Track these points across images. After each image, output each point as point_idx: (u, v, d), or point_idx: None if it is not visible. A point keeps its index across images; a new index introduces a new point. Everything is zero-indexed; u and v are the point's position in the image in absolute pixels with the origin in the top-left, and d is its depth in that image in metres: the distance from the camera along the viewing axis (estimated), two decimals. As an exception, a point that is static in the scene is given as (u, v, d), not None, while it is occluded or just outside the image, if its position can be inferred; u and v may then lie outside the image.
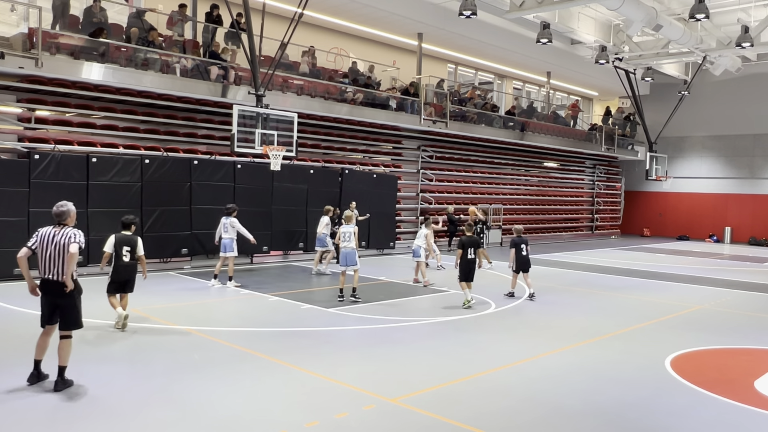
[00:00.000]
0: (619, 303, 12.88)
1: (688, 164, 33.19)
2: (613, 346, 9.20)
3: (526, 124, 26.74)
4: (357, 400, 6.49)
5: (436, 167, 24.04)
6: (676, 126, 30.18)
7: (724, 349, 9.26)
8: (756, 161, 31.10)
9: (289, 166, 17.08)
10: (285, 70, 17.89)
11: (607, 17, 23.89)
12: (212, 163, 16.17)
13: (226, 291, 12.75)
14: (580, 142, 29.95)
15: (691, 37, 22.53)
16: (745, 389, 7.29)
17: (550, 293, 13.75)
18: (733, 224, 31.66)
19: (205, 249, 15.95)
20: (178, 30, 16.28)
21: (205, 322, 9.87)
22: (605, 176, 34.70)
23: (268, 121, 14.81)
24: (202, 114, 17.24)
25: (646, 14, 19.58)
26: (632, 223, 35.40)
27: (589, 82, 32.29)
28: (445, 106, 22.50)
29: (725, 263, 21.87)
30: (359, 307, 11.40)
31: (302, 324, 9.99)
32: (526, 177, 29.21)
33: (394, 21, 21.36)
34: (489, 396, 6.78)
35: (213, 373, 7.22)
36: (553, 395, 6.88)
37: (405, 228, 22.63)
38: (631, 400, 6.81)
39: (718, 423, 6.23)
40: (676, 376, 7.73)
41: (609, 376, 7.68)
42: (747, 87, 30.47)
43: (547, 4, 18.91)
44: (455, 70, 27.95)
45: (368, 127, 21.21)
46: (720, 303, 13.28)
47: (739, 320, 11.45)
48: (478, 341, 9.22)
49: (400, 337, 9.27)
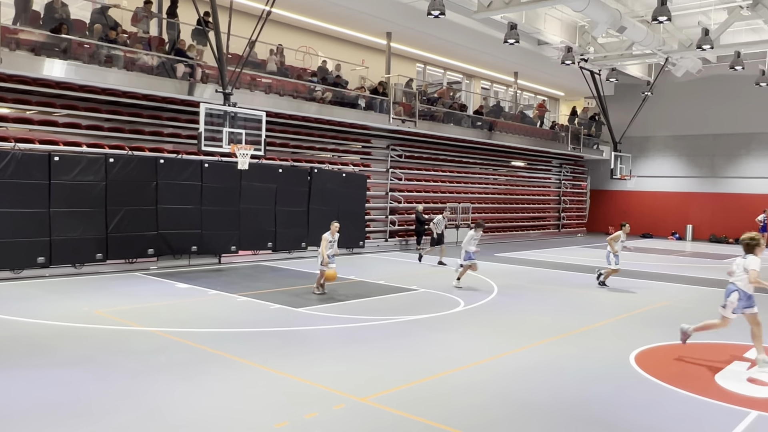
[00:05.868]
0: (585, 300, 13.08)
1: (651, 163, 33.89)
2: (580, 343, 9.34)
3: (494, 123, 26.99)
4: (327, 399, 6.47)
5: (405, 166, 24.10)
6: (639, 126, 30.78)
7: (687, 344, 9.47)
8: (716, 161, 31.90)
9: (258, 165, 16.94)
10: (253, 69, 17.74)
11: (572, 19, 24.23)
12: (179, 162, 15.95)
13: (193, 292, 12.59)
14: (547, 141, 30.35)
15: (654, 39, 23.00)
16: (707, 383, 7.48)
17: (519, 291, 13.90)
18: (695, 222, 32.43)
19: (172, 249, 15.72)
20: (143, 27, 16.01)
21: (172, 323, 9.73)
22: (571, 175, 35.21)
23: (235, 120, 14.65)
24: (168, 112, 16.98)
25: (610, 16, 19.93)
26: (598, 221, 36.00)
27: (555, 82, 32.72)
28: (414, 106, 22.57)
29: (687, 260, 22.39)
30: (329, 306, 11.38)
31: (271, 324, 9.92)
32: (494, 176, 29.47)
33: (363, 20, 21.34)
34: (459, 393, 6.82)
35: (179, 375, 7.12)
36: (522, 391, 6.96)
37: (374, 227, 22.64)
38: (597, 395, 6.93)
39: (680, 416, 6.37)
40: (640, 371, 7.89)
41: (576, 371, 7.81)
42: (707, 88, 31.23)
43: (514, 5, 19.09)
44: (424, 69, 28.05)
45: (337, 126, 21.16)
46: (682, 299, 13.59)
47: (700, 316, 11.69)
48: (448, 339, 9.27)
49: (370, 336, 9.28)
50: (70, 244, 13.90)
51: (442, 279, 15.33)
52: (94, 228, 14.29)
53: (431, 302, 12.14)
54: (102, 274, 14.36)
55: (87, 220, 14.17)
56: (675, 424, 6.15)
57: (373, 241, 21.96)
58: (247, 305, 11.41)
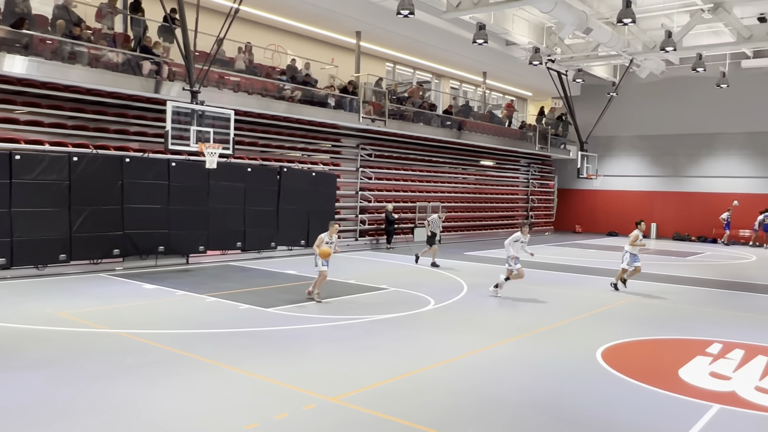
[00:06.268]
0: (552, 297, 13.25)
1: (616, 163, 34.49)
2: (549, 340, 9.47)
3: (463, 123, 27.17)
4: (297, 400, 6.44)
5: (375, 165, 24.10)
6: (605, 126, 31.28)
7: (650, 340, 9.68)
8: (679, 160, 32.62)
9: (226, 164, 16.76)
10: (221, 66, 17.54)
11: (540, 20, 24.54)
12: (145, 161, 15.69)
13: (161, 293, 12.40)
14: (515, 141, 30.67)
15: (619, 41, 23.43)
16: (670, 378, 7.64)
17: (487, 289, 14.00)
18: (659, 220, 33.12)
19: (138, 249, 15.46)
20: (107, 23, 15.71)
21: (138, 325, 9.57)
22: (539, 174, 35.64)
23: (203, 118, 14.48)
24: (134, 110, 16.68)
25: (576, 17, 20.24)
26: (565, 219, 36.51)
27: (523, 82, 33.10)
28: (384, 105, 22.59)
29: (651, 258, 22.84)
30: (298, 306, 11.33)
31: (240, 325, 9.83)
32: (463, 175, 29.67)
33: (333, 19, 21.27)
34: (430, 391, 6.85)
35: (146, 377, 7.01)
36: (493, 389, 7.03)
37: (344, 226, 22.59)
38: (566, 392, 7.03)
39: (645, 411, 6.50)
40: (606, 367, 8.03)
41: (545, 368, 7.91)
42: (671, 89, 31.92)
43: (482, 6, 19.26)
44: (393, 68, 28.09)
45: (307, 125, 21.06)
46: (647, 296, 13.87)
47: (664, 312, 12.00)
48: (418, 338, 9.31)
49: (340, 336, 9.26)
50: (33, 245, 13.56)
51: (412, 278, 15.38)
52: (57, 228, 13.96)
53: (401, 301, 12.17)
54: (66, 275, 14.05)
55: (50, 220, 13.83)
56: (641, 419, 6.27)
57: (343, 241, 21.87)
58: (215, 306, 11.29)
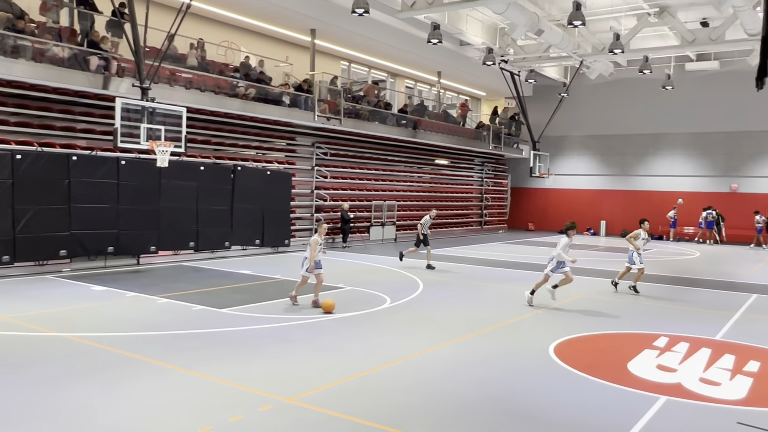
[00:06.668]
0: (506, 294, 13.46)
1: (567, 162, 35.26)
2: (502, 336, 9.61)
3: (418, 122, 27.33)
4: (252, 401, 6.37)
5: (330, 164, 24.02)
6: (556, 126, 31.94)
7: (600, 335, 9.93)
8: (627, 159, 33.57)
9: (178, 163, 16.43)
10: (172, 63, 17.20)
11: (493, 21, 24.89)
12: (93, 159, 15.24)
13: (110, 295, 12.07)
14: (470, 140, 31.03)
15: (570, 42, 23.97)
16: (620, 371, 7.85)
17: (443, 287, 14.13)
18: (608, 218, 34.02)
19: (87, 250, 15.02)
20: (52, 16, 15.20)
21: (87, 328, 9.29)
22: (493, 173, 36.15)
23: (154, 116, 14.18)
24: (81, 107, 16.20)
25: (529, 19, 20.62)
26: (518, 218, 37.14)
27: (477, 82, 33.51)
28: (339, 104, 22.53)
29: (601, 255, 23.45)
30: (254, 306, 11.20)
31: (193, 326, 9.65)
32: (418, 174, 29.84)
33: (287, 16, 21.09)
34: (387, 390, 6.87)
35: (96, 381, 6.81)
36: (448, 386, 7.08)
37: (300, 225, 22.46)
38: (520, 387, 7.14)
39: (596, 404, 6.67)
40: (559, 362, 8.20)
41: (499, 364, 8.02)
42: (619, 90, 32.83)
43: (437, 6, 19.41)
44: (348, 67, 28.04)
45: (261, 123, 20.84)
46: (596, 291, 14.23)
47: (613, 307, 12.32)
48: (374, 337, 9.31)
49: (296, 336, 9.20)
50: (-27, 246, 13.04)
51: (368, 276, 15.38)
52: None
53: (358, 300, 12.16)
54: (9, 277, 13.54)
55: (-9, 221, 13.32)
56: (592, 412, 6.42)
57: (298, 240, 21.76)
58: (167, 307, 11.05)
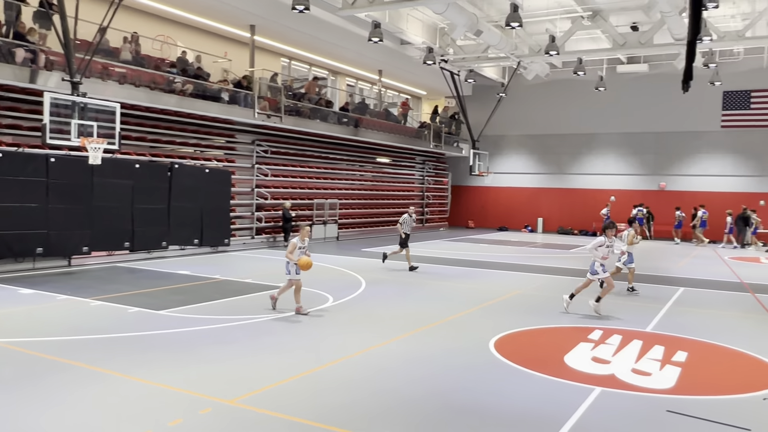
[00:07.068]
0: (447, 291, 13.64)
1: (506, 161, 36.01)
2: (444, 333, 9.73)
3: (359, 120, 27.33)
4: (192, 404, 6.23)
5: (271, 162, 23.72)
6: (495, 125, 32.57)
7: (538, 329, 10.20)
8: (562, 158, 34.56)
9: (112, 160, 15.89)
10: (105, 57, 16.59)
11: (433, 20, 25.14)
12: (20, 156, 14.56)
13: (39, 298, 11.56)
14: (411, 138, 31.27)
15: (507, 44, 24.50)
16: (557, 364, 8.08)
17: (385, 285, 14.19)
18: (545, 215, 34.96)
19: (13, 252, 14.34)
20: (-26, 6, 14.44)
21: (15, 333, 8.87)
22: (434, 171, 36.55)
23: (86, 111, 13.66)
24: (5, 101, 15.43)
25: (468, 20, 20.94)
26: (459, 215, 37.69)
27: (418, 81, 33.78)
28: (280, 101, 22.28)
29: (538, 251, 24.07)
30: (192, 307, 10.95)
31: (130, 329, 9.35)
32: (360, 172, 29.85)
33: (226, 11, 20.68)
34: (329, 390, 6.84)
35: (27, 389, 6.51)
36: (391, 384, 7.12)
37: (240, 224, 22.11)
38: (462, 382, 7.25)
39: (536, 397, 6.84)
40: (499, 356, 8.37)
41: (441, 361, 8.11)
42: (554, 91, 33.75)
43: (377, 4, 19.46)
44: (289, 64, 27.76)
45: (199, 120, 20.36)
46: (534, 287, 14.59)
47: (550, 302, 12.66)
48: (316, 336, 9.27)
49: (236, 336, 9.05)
50: None
51: (310, 275, 15.25)
52: None
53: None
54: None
55: None
56: (532, 404, 6.59)
57: (239, 239, 21.43)
58: (101, 310, 10.67)
